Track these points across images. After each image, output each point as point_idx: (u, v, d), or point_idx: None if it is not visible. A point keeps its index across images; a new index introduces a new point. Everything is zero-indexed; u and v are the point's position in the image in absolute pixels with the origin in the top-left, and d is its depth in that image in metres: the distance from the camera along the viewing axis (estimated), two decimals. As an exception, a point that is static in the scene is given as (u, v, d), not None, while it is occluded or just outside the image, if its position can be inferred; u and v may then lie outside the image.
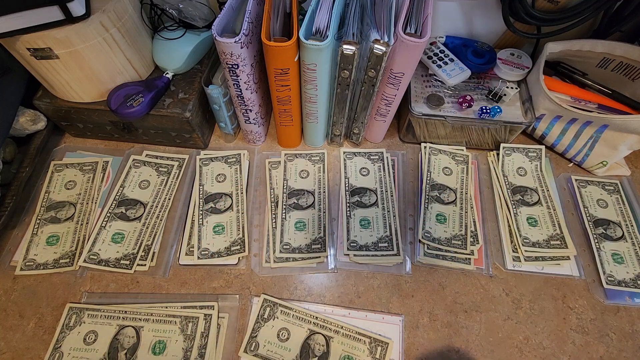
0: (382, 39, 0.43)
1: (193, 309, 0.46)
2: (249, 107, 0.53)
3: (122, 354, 0.43)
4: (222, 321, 0.46)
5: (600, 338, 0.46)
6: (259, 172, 0.59)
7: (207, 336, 0.44)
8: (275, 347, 0.44)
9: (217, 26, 0.42)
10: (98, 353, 0.43)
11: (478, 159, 0.61)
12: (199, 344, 0.44)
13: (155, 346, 0.44)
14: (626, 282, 0.49)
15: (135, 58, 0.52)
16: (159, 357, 0.43)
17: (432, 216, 0.54)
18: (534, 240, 0.52)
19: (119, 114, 0.50)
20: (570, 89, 0.58)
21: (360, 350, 0.44)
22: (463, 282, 0.50)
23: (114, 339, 0.44)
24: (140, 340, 0.44)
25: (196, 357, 0.43)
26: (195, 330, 0.45)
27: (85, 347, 0.43)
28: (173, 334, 0.44)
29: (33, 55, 0.45)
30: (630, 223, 0.54)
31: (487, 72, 0.61)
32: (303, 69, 0.45)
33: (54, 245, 0.51)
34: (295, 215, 0.54)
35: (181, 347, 0.44)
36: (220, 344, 0.44)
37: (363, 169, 0.59)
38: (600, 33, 0.57)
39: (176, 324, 0.45)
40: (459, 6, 0.59)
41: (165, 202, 0.55)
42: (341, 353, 0.44)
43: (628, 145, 0.54)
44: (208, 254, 0.50)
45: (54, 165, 0.58)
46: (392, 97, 0.51)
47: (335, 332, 0.45)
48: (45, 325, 0.46)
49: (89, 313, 0.46)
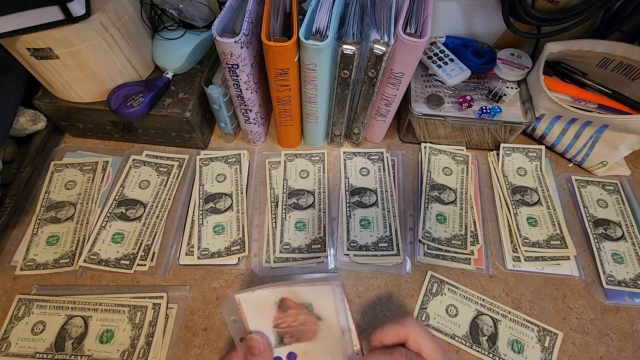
0: (382, 39, 0.43)
1: (142, 299, 0.47)
2: (249, 107, 0.53)
3: (69, 343, 0.44)
4: (171, 311, 0.47)
5: (600, 338, 0.46)
6: (259, 172, 0.59)
7: (155, 325, 0.45)
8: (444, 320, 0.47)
9: (217, 26, 0.42)
10: (45, 342, 0.44)
11: (478, 159, 0.61)
12: (147, 333, 0.45)
13: (103, 335, 0.44)
14: (626, 282, 0.49)
15: (135, 58, 0.52)
16: (106, 345, 0.44)
17: (432, 216, 0.54)
18: (534, 240, 0.52)
19: (119, 114, 0.50)
20: (570, 89, 0.58)
21: (528, 337, 0.46)
22: (463, 282, 0.50)
23: (61, 329, 0.45)
24: (88, 329, 0.45)
25: (143, 345, 0.44)
26: (143, 319, 0.45)
27: (32, 337, 0.44)
28: (121, 322, 0.45)
29: (33, 55, 0.45)
30: (630, 223, 0.54)
31: (487, 72, 0.61)
32: (303, 69, 0.45)
33: (54, 246, 0.51)
34: (295, 216, 0.54)
35: (129, 336, 0.44)
36: (167, 332, 0.45)
37: (363, 169, 0.59)
38: (600, 33, 0.57)
39: (125, 313, 0.46)
40: (459, 6, 0.59)
41: (165, 202, 0.55)
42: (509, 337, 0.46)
43: (628, 145, 0.54)
44: (208, 254, 0.51)
45: (54, 165, 0.58)
46: (392, 97, 0.51)
47: (503, 316, 0.47)
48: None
49: (38, 304, 0.46)
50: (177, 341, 0.45)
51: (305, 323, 0.34)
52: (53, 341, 0.44)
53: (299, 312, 0.34)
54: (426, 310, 0.47)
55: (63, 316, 0.45)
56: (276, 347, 0.34)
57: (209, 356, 0.44)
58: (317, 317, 0.35)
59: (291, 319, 0.34)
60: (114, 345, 0.44)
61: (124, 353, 0.43)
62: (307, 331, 0.34)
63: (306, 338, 0.34)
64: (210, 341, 0.45)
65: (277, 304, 0.35)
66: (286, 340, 0.34)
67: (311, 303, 0.35)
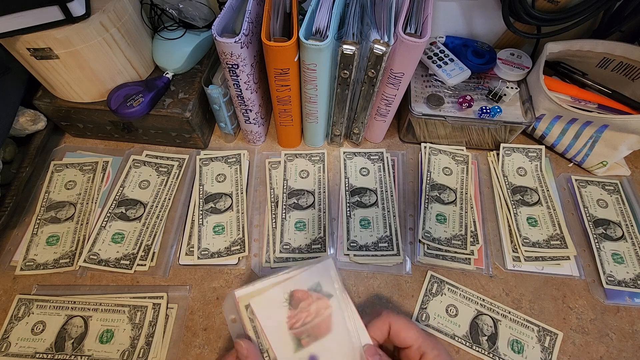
0: (382, 39, 0.43)
1: (142, 299, 0.47)
2: (249, 107, 0.53)
3: (69, 343, 0.44)
4: (171, 311, 0.47)
5: (600, 338, 0.46)
6: (259, 172, 0.59)
7: (155, 325, 0.45)
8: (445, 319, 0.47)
9: (217, 26, 0.42)
10: (45, 342, 0.44)
11: (478, 159, 0.61)
12: (147, 333, 0.45)
13: (103, 335, 0.44)
14: (626, 282, 0.49)
15: (135, 58, 0.52)
16: (106, 345, 0.44)
17: (432, 216, 0.54)
18: (534, 240, 0.52)
19: (119, 114, 0.50)
20: (570, 89, 0.58)
21: (528, 337, 0.46)
22: (463, 282, 0.50)
23: (61, 329, 0.45)
24: (88, 329, 0.45)
25: (143, 345, 0.44)
26: (143, 319, 0.45)
27: (32, 337, 0.44)
28: (121, 322, 0.45)
29: (33, 55, 0.45)
30: (630, 223, 0.54)
31: (487, 72, 0.61)
32: (303, 69, 0.45)
33: (54, 246, 0.51)
34: (295, 215, 0.54)
35: (129, 336, 0.44)
36: (167, 332, 0.45)
37: (363, 169, 0.59)
38: (600, 33, 0.57)
39: (125, 313, 0.46)
40: (459, 6, 0.59)
41: (165, 202, 0.55)
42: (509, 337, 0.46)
43: (628, 145, 0.54)
44: (208, 254, 0.51)
45: (54, 165, 0.58)
46: (392, 97, 0.51)
47: (502, 316, 0.47)
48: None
49: (38, 304, 0.46)
50: (177, 341, 0.45)
51: (318, 312, 0.35)
52: (53, 341, 0.44)
53: (309, 301, 0.35)
54: (426, 310, 0.47)
55: (63, 316, 0.45)
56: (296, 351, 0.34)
57: (209, 356, 0.44)
58: (328, 294, 0.35)
59: (304, 315, 0.35)
60: (114, 345, 0.44)
61: (124, 353, 0.43)
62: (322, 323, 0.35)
63: (322, 332, 0.34)
64: (210, 341, 0.45)
65: (287, 300, 0.35)
66: (304, 341, 0.34)
67: (318, 282, 0.36)
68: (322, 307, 0.35)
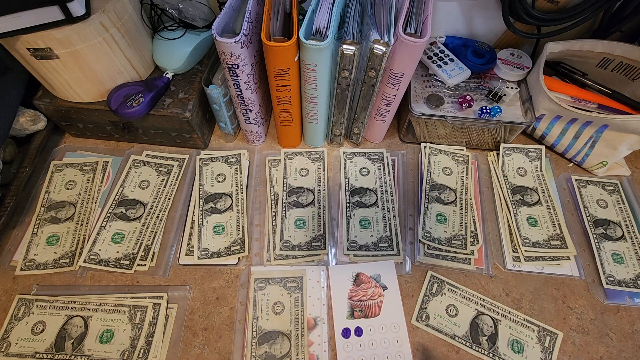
0: (382, 39, 0.43)
1: (142, 299, 0.47)
2: (249, 107, 0.53)
3: (69, 343, 0.44)
4: (170, 311, 0.47)
5: (600, 338, 0.46)
6: (259, 172, 0.59)
7: (155, 325, 0.45)
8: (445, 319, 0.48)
9: (217, 26, 0.42)
10: (45, 342, 0.44)
11: (478, 159, 0.61)
12: (147, 333, 0.45)
13: (103, 335, 0.44)
14: (626, 282, 0.49)
15: (135, 58, 0.52)
16: (106, 345, 0.44)
17: (432, 216, 0.54)
18: (534, 240, 0.52)
19: (119, 114, 0.50)
20: (570, 89, 0.58)
21: (528, 337, 0.46)
22: (463, 282, 0.50)
23: (61, 329, 0.45)
24: (88, 329, 0.45)
25: (143, 345, 0.44)
26: (143, 319, 0.45)
27: (32, 337, 0.44)
28: (121, 322, 0.45)
29: (33, 55, 0.45)
30: (630, 223, 0.54)
31: (487, 72, 0.61)
32: (303, 69, 0.45)
33: (54, 245, 0.51)
34: (295, 213, 0.54)
35: (129, 336, 0.44)
36: (167, 332, 0.45)
37: (363, 169, 0.59)
38: (600, 33, 0.57)
39: (125, 313, 0.46)
40: (459, 6, 0.59)
41: (165, 202, 0.55)
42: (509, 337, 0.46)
43: (628, 145, 0.54)
44: (208, 254, 0.51)
45: (54, 165, 0.58)
46: (392, 97, 0.51)
47: (503, 316, 0.47)
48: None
49: (38, 304, 0.46)
50: (177, 341, 0.45)
51: (373, 296, 0.46)
52: (53, 341, 0.44)
53: (369, 285, 0.47)
54: (426, 310, 0.47)
55: (63, 316, 0.45)
56: (347, 318, 0.45)
57: (209, 356, 0.44)
58: (383, 286, 0.47)
59: (362, 294, 0.46)
60: (114, 345, 0.44)
61: (124, 353, 0.43)
62: (374, 306, 0.46)
63: (372, 313, 0.46)
64: (210, 341, 0.45)
65: (353, 277, 0.48)
66: (356, 313, 0.46)
67: (380, 274, 0.49)
68: (377, 294, 0.47)
